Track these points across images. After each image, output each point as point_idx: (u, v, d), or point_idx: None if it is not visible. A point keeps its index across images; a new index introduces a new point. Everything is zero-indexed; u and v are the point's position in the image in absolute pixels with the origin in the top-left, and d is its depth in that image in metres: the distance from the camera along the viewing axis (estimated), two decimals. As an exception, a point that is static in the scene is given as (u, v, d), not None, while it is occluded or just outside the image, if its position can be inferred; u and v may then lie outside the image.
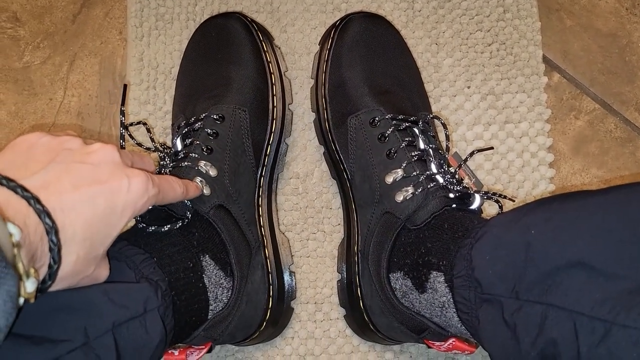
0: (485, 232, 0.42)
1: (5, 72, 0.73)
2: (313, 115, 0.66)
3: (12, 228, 0.29)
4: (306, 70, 0.69)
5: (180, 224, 0.50)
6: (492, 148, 0.59)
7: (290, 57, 0.70)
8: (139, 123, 0.59)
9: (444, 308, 0.46)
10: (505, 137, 0.68)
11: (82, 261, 0.35)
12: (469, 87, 0.70)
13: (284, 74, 0.66)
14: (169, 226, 0.49)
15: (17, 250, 0.29)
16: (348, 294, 0.59)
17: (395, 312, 0.52)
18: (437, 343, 0.50)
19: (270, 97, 0.62)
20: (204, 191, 0.53)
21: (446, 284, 0.45)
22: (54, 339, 0.34)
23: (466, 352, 0.49)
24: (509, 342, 0.39)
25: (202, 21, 0.71)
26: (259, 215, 0.60)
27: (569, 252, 0.36)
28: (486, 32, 0.71)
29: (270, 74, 0.63)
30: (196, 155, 0.54)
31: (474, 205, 0.50)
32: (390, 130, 0.55)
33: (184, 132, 0.56)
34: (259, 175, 0.61)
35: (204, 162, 0.54)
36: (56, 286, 0.34)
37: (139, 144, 0.59)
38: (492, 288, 0.40)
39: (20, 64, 0.73)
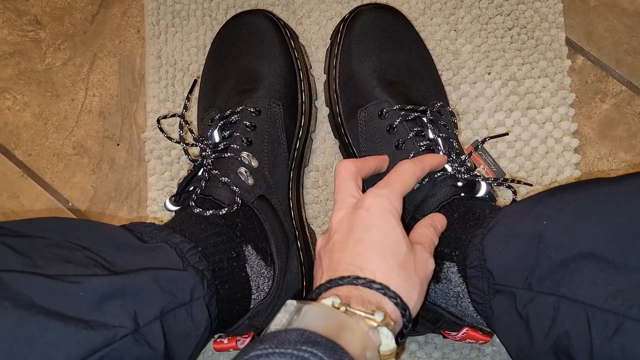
0: (497, 223, 0.43)
1: (28, 75, 0.77)
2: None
3: (326, 300, 0.38)
4: (323, 63, 0.71)
5: (225, 211, 0.52)
6: (507, 134, 0.60)
7: (307, 50, 0.72)
8: (173, 116, 0.62)
9: (458, 298, 0.48)
10: (528, 124, 0.69)
11: (403, 269, 0.42)
12: (489, 74, 0.71)
13: (309, 71, 0.69)
14: (211, 212, 0.52)
15: (344, 307, 0.37)
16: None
17: None
18: (453, 333, 0.52)
19: (300, 93, 0.65)
20: (248, 181, 0.56)
21: (459, 274, 0.47)
22: (108, 324, 0.36)
23: (480, 341, 0.50)
24: (522, 333, 0.40)
25: (218, 16, 0.74)
26: (290, 208, 0.63)
27: (581, 243, 0.37)
28: (506, 16, 0.72)
29: (299, 70, 0.66)
30: (237, 147, 0.58)
31: (481, 193, 0.51)
32: (398, 121, 0.57)
33: (220, 124, 0.59)
34: (289, 169, 0.64)
35: (246, 153, 0.57)
36: (412, 299, 0.42)
37: (169, 138, 0.62)
38: (504, 279, 0.41)
39: (42, 66, 0.77)
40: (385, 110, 0.58)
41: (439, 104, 0.59)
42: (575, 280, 0.36)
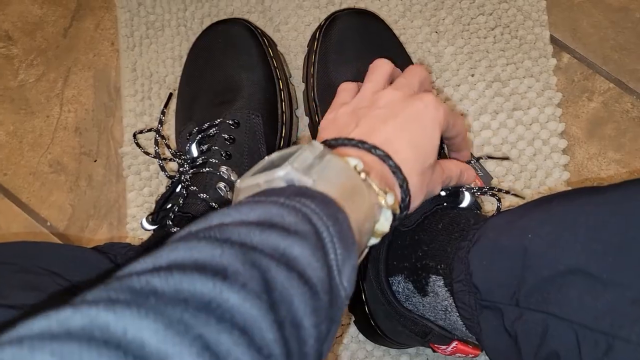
0: (482, 236, 0.42)
1: (1, 92, 0.76)
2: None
3: (352, 160, 0.37)
4: (302, 70, 0.71)
5: None
6: (507, 158, 0.59)
7: (286, 57, 0.71)
8: (150, 130, 0.61)
9: (447, 312, 0.47)
10: (514, 125, 0.68)
11: (420, 175, 0.42)
12: (473, 75, 0.70)
13: (289, 80, 0.68)
14: None
15: (364, 174, 0.37)
16: (354, 299, 0.61)
17: (397, 315, 0.53)
18: (442, 347, 0.51)
19: (279, 103, 0.65)
20: (228, 196, 0.55)
21: (446, 288, 0.46)
22: None
23: (470, 355, 0.50)
24: (511, 351, 0.39)
25: (193, 26, 0.73)
26: None
27: (567, 257, 0.36)
28: (488, 16, 0.71)
29: (278, 79, 0.65)
30: (216, 161, 0.57)
31: (464, 204, 0.50)
32: None
33: (198, 138, 0.58)
34: None
35: (225, 167, 0.56)
36: (414, 203, 0.42)
37: (147, 153, 0.61)
38: (491, 295, 0.40)
39: (15, 82, 0.76)
40: None
41: None
42: (562, 297, 0.35)
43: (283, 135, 0.65)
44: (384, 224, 0.38)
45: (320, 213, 0.31)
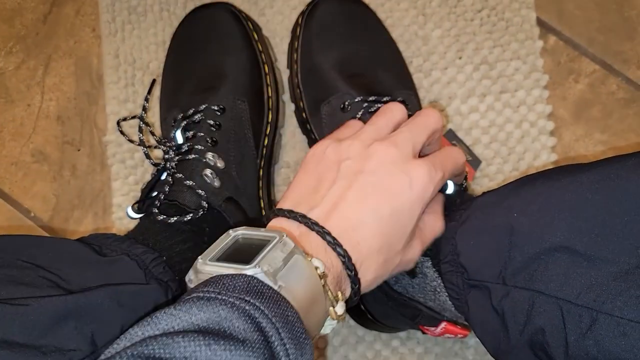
0: (469, 216, 0.44)
1: (-21, 81, 0.76)
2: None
3: (316, 262, 0.36)
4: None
5: (190, 216, 0.52)
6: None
7: (271, 42, 0.72)
8: (133, 117, 0.62)
9: (436, 292, 0.49)
10: (501, 108, 0.70)
11: (382, 266, 0.40)
12: (460, 58, 0.71)
13: (275, 64, 0.69)
14: (175, 218, 0.52)
15: (323, 281, 0.36)
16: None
17: (387, 298, 0.55)
18: (431, 328, 0.53)
19: (265, 87, 0.65)
20: (215, 183, 0.56)
21: (434, 269, 0.47)
22: (62, 349, 0.35)
23: (459, 335, 0.51)
24: (498, 328, 0.40)
25: (176, 11, 0.73)
26: (261, 208, 0.63)
27: (552, 235, 0.37)
28: (475, -2, 0.72)
29: (263, 63, 0.66)
30: (202, 147, 0.57)
31: (448, 192, 0.52)
32: (360, 113, 0.57)
33: (183, 124, 0.59)
34: (258, 167, 0.64)
35: (211, 153, 0.57)
36: (369, 288, 0.40)
37: (131, 141, 0.61)
38: (478, 274, 0.42)
39: (-6, 71, 0.76)
40: (347, 102, 0.58)
41: (403, 93, 0.59)
42: (548, 274, 0.37)
43: (269, 120, 0.66)
44: (327, 328, 0.38)
45: (270, 314, 0.30)
